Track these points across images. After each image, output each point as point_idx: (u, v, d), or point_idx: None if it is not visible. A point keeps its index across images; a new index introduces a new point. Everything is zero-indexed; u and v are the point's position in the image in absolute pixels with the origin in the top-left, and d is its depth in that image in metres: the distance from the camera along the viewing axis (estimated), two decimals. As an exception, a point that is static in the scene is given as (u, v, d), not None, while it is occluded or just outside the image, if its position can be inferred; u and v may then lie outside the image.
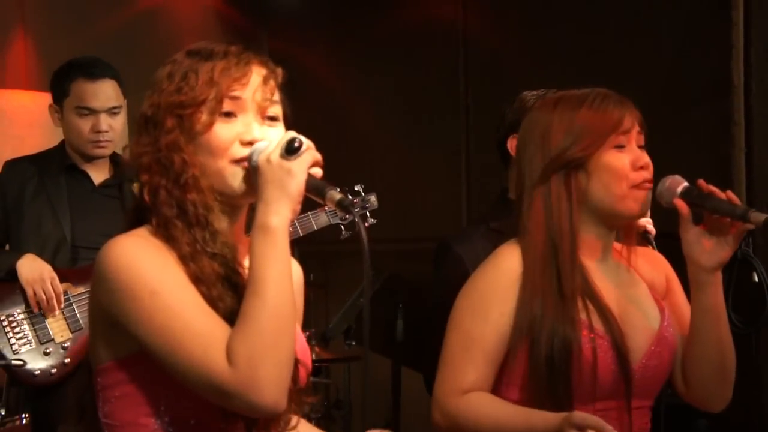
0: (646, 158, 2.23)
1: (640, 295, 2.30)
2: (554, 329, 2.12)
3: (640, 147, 2.24)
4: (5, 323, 3.46)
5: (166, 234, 1.78)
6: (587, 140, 2.19)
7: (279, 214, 1.71)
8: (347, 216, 3.88)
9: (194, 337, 1.69)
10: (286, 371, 1.71)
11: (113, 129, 3.59)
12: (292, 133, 1.77)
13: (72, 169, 3.66)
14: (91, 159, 3.64)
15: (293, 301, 1.74)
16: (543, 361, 2.12)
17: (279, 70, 1.87)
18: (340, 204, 1.75)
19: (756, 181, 4.26)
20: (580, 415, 2.03)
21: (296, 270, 2.04)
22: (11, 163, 3.73)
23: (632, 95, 2.28)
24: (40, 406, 3.53)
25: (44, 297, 3.43)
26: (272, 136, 1.79)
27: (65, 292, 3.48)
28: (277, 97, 1.85)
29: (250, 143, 1.79)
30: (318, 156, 1.76)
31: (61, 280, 3.48)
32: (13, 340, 3.44)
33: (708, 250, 2.21)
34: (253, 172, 1.76)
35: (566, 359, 2.11)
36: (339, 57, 5.73)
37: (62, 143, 3.71)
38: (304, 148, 1.74)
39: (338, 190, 1.76)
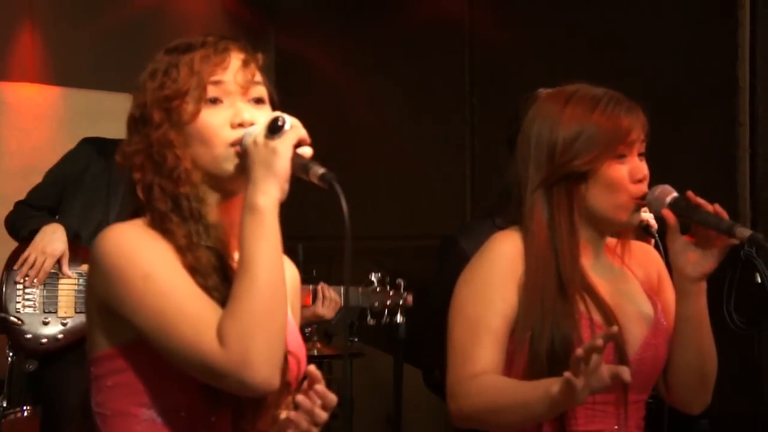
0: (644, 170, 2.25)
1: (632, 290, 2.32)
2: (555, 324, 2.14)
3: (640, 155, 2.25)
4: (21, 281, 3.51)
5: (161, 227, 1.79)
6: (594, 152, 2.20)
7: (267, 194, 1.72)
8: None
9: (186, 318, 1.70)
10: (278, 347, 1.71)
11: None
12: (277, 113, 1.77)
13: None
14: None
15: (283, 279, 1.74)
16: (544, 355, 2.13)
17: (259, 55, 1.88)
18: (322, 178, 1.75)
19: (760, 182, 4.25)
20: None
21: (292, 271, 2.05)
22: (87, 140, 3.80)
23: (637, 95, 2.29)
24: (48, 400, 3.55)
25: (30, 266, 3.46)
26: (261, 118, 1.79)
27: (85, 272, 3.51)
28: (258, 78, 1.86)
29: (241, 125, 1.80)
30: (303, 134, 1.76)
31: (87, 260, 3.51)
32: (20, 299, 3.49)
33: (693, 260, 2.23)
34: (244, 155, 1.77)
35: (567, 351, 2.11)
36: (346, 54, 5.73)
37: None
38: (287, 126, 1.74)
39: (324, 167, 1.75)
